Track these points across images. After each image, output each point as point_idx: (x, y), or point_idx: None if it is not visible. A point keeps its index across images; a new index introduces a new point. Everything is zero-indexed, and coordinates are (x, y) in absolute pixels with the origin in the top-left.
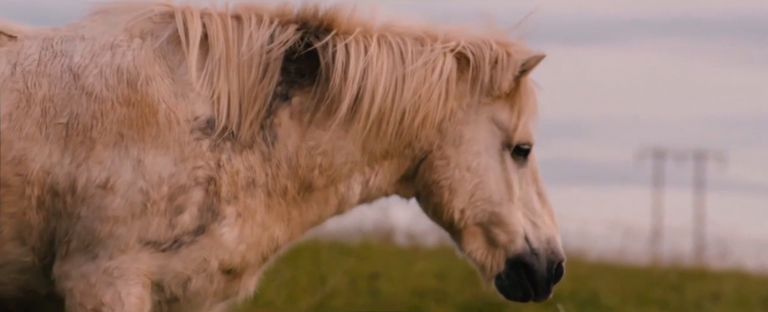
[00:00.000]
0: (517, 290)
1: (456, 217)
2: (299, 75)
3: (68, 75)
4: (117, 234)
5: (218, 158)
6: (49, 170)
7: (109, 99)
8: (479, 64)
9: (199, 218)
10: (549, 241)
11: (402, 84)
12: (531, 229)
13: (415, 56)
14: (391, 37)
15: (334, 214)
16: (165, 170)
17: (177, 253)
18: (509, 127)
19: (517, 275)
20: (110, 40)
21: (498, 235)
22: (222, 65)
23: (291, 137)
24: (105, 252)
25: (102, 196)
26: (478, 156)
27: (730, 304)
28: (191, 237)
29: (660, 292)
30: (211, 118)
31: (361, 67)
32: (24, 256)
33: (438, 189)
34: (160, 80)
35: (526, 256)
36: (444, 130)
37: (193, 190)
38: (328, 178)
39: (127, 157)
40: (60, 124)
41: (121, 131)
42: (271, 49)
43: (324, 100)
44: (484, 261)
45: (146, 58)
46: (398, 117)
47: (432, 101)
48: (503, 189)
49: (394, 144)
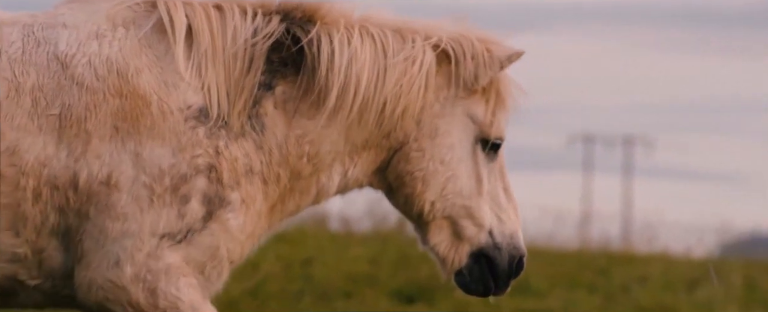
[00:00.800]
0: (479, 285)
1: (426, 209)
2: (282, 64)
3: (55, 64)
4: (130, 231)
5: (216, 145)
6: (44, 162)
7: (101, 90)
8: (460, 59)
9: (207, 205)
10: (512, 236)
11: (384, 75)
12: (496, 223)
13: (396, 49)
14: (373, 30)
15: (311, 204)
16: (164, 161)
17: (192, 242)
18: (483, 121)
19: (480, 269)
20: (94, 28)
21: (464, 229)
22: (208, 57)
23: (278, 126)
24: (125, 254)
25: (107, 194)
26: (451, 149)
27: (656, 287)
28: (201, 224)
29: (588, 275)
30: (204, 107)
31: (346, 57)
32: (17, 247)
33: (411, 180)
34: (148, 71)
35: (489, 249)
36: (421, 122)
37: (195, 178)
38: (314, 167)
39: (124, 151)
40: (52, 115)
41: (115, 124)
42: (256, 42)
43: (309, 89)
44: (447, 255)
45: (133, 48)
46: (380, 107)
47: (412, 93)
48: (474, 183)
49: (374, 134)
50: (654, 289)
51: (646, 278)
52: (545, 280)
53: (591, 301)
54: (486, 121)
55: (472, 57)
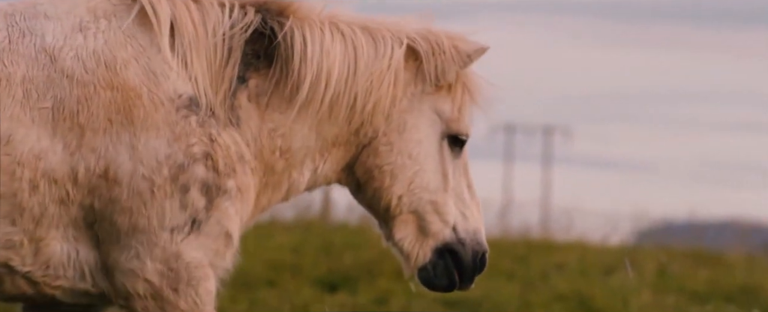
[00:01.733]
0: (443, 279)
1: (393, 203)
2: (255, 57)
3: (44, 56)
4: (140, 226)
5: (209, 133)
6: (39, 155)
7: (91, 83)
8: (427, 55)
9: (206, 194)
10: (476, 232)
11: (354, 70)
12: (460, 219)
13: (365, 46)
14: (342, 26)
15: (281, 200)
16: (161, 152)
17: (201, 232)
18: (450, 117)
19: (445, 263)
20: (77, 21)
21: (430, 224)
22: (192, 48)
23: (253, 119)
24: (143, 249)
25: (108, 188)
26: (419, 144)
27: (574, 274)
28: (204, 213)
29: (508, 263)
30: (194, 96)
31: (319, 50)
32: (12, 234)
33: (380, 174)
34: (135, 62)
35: (454, 244)
36: (389, 118)
37: (192, 166)
38: (286, 162)
39: (120, 144)
40: (44, 108)
41: (109, 117)
42: (233, 33)
43: (281, 82)
44: (412, 250)
45: (118, 40)
46: (350, 101)
47: (382, 88)
48: (440, 178)
49: (344, 131)
50: (571, 277)
51: (564, 266)
52: None
53: (510, 289)
54: (453, 117)
55: (438, 53)
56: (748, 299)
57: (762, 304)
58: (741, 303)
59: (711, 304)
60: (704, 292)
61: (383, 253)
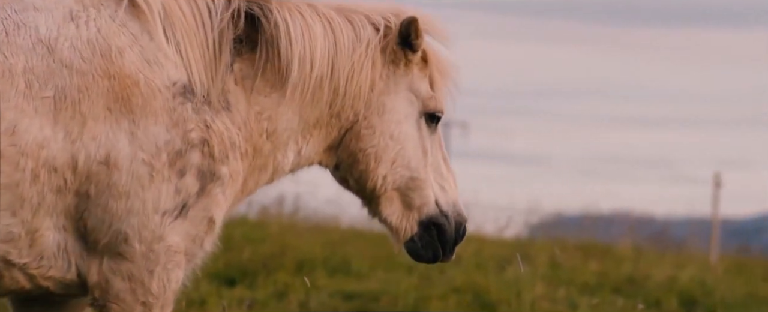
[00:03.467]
0: (429, 251)
1: (378, 183)
2: (237, 42)
3: (41, 47)
4: (135, 209)
5: (205, 119)
6: (42, 144)
7: (90, 72)
8: (387, 34)
9: (201, 179)
10: (455, 203)
11: (335, 53)
12: (440, 192)
13: (344, 29)
14: (321, 10)
15: (267, 182)
16: (160, 138)
17: (187, 217)
18: (426, 96)
19: (430, 236)
20: (67, 11)
21: (413, 199)
22: (184, 35)
23: (241, 103)
24: (133, 231)
25: (108, 173)
26: (399, 124)
27: (470, 267)
28: (195, 199)
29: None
30: (187, 83)
31: (300, 33)
32: (12, 226)
33: (364, 157)
34: (130, 50)
35: (438, 217)
36: (369, 101)
37: (190, 152)
38: (272, 144)
39: (120, 131)
40: (46, 97)
41: (108, 105)
42: (221, 19)
43: (268, 65)
44: (399, 224)
45: (110, 28)
46: (334, 84)
47: (363, 71)
48: (420, 155)
49: (325, 113)
50: (467, 269)
51: (460, 258)
52: (366, 262)
53: (408, 282)
54: (428, 95)
55: (393, 31)
56: (635, 290)
57: (647, 294)
58: (628, 294)
59: (600, 296)
60: (594, 284)
61: (282, 247)
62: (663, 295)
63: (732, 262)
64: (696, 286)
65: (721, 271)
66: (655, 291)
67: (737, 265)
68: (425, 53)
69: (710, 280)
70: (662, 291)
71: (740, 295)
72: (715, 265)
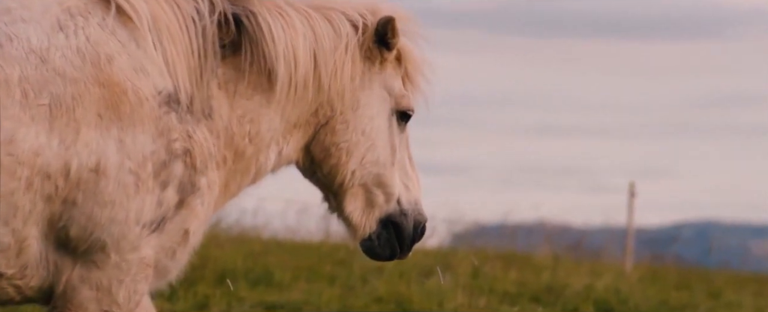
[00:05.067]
0: (386, 249)
1: (347, 178)
2: (221, 45)
3: (34, 57)
4: (118, 219)
5: (187, 130)
6: (38, 151)
7: (81, 80)
8: (364, 31)
9: (181, 192)
10: (417, 202)
11: (318, 51)
12: (403, 191)
13: (322, 27)
14: (299, 9)
15: (250, 184)
16: (146, 147)
17: (164, 230)
18: (398, 94)
19: (387, 234)
20: (54, 20)
21: (377, 196)
22: (169, 42)
23: (223, 107)
24: (112, 240)
25: (95, 180)
26: (371, 120)
27: (393, 277)
28: (174, 212)
29: (329, 267)
30: (172, 92)
31: (283, 34)
32: (3, 236)
33: (337, 151)
34: (118, 58)
35: (396, 215)
36: (344, 96)
37: (173, 163)
38: (255, 147)
39: (109, 138)
40: (42, 105)
41: (99, 112)
42: (205, 25)
43: (252, 68)
44: (359, 221)
45: (98, 36)
46: (318, 82)
47: (345, 68)
48: (389, 152)
49: (304, 111)
50: (390, 279)
51: (383, 268)
52: (288, 273)
53: (331, 292)
54: (401, 93)
55: (385, 31)
56: (553, 298)
57: (565, 302)
58: (546, 302)
59: (519, 304)
60: (514, 293)
61: (203, 258)
62: (580, 304)
63: (646, 270)
64: (611, 295)
65: (635, 280)
66: (572, 299)
67: (651, 274)
68: (399, 52)
69: (625, 288)
70: (579, 299)
71: (654, 303)
72: (629, 274)
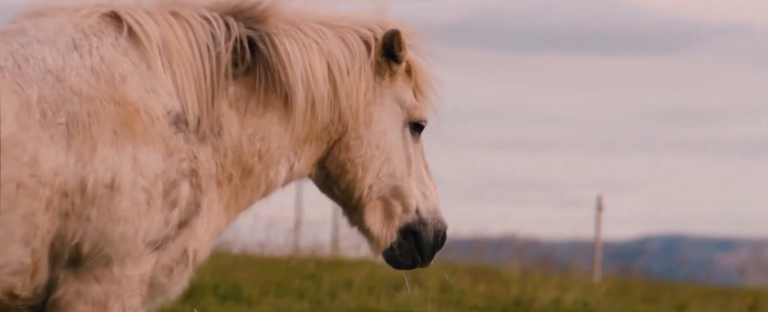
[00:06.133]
0: (408, 258)
1: (365, 192)
2: (232, 65)
3: (50, 77)
4: (128, 236)
5: (193, 150)
6: (57, 171)
7: (97, 98)
8: (385, 47)
9: (186, 212)
10: (436, 211)
11: (334, 73)
12: (421, 200)
13: (338, 45)
14: (313, 27)
15: (261, 198)
16: (158, 166)
17: (166, 249)
18: (410, 106)
19: (408, 244)
20: (69, 40)
21: (395, 207)
22: (179, 64)
23: (233, 126)
24: (117, 256)
25: (110, 196)
26: (385, 135)
27: (362, 291)
28: (177, 231)
29: (298, 281)
30: (180, 112)
31: (299, 55)
32: (23, 257)
33: (353, 167)
34: (131, 78)
35: (416, 225)
36: (357, 112)
37: (181, 183)
38: (264, 164)
39: (124, 155)
40: (60, 124)
41: (114, 129)
42: (219, 49)
43: (264, 89)
44: (380, 233)
45: (112, 56)
46: (335, 101)
47: (361, 85)
48: (404, 164)
49: (315, 127)
50: (360, 293)
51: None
52: (257, 288)
53: (300, 307)
54: (412, 105)
55: (391, 45)
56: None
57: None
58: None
59: None
60: (483, 307)
61: None
62: None
63: (614, 283)
64: (580, 307)
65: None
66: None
67: (619, 286)
68: (409, 64)
69: (593, 301)
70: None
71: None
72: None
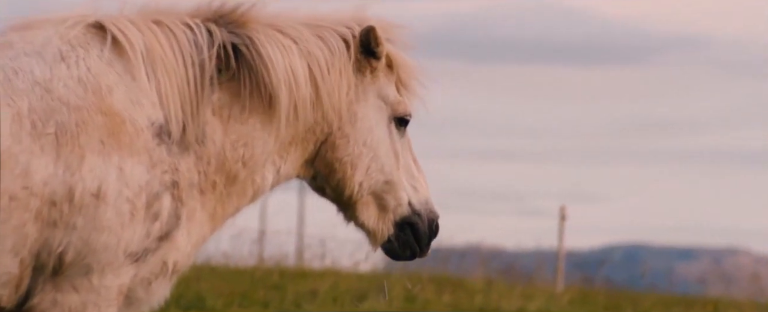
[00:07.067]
0: (406, 250)
1: (355, 189)
2: (217, 71)
3: (39, 89)
4: (110, 246)
5: (175, 162)
6: (47, 181)
7: (85, 108)
8: (364, 45)
9: (168, 225)
10: (427, 201)
11: (316, 73)
12: (412, 192)
13: (316, 45)
14: (294, 28)
15: (248, 203)
16: (142, 178)
17: (146, 262)
18: (393, 101)
19: (405, 236)
20: (55, 51)
21: (388, 202)
22: (163, 74)
23: (217, 133)
24: (98, 266)
25: (96, 205)
26: (371, 131)
27: (326, 301)
28: (157, 244)
29: (262, 292)
30: (164, 124)
31: (281, 58)
32: (12, 268)
33: (341, 166)
34: (117, 89)
35: (411, 216)
36: (341, 111)
37: (163, 195)
38: (249, 169)
39: (111, 165)
40: (49, 134)
41: (101, 138)
42: (203, 57)
43: (250, 93)
44: (376, 227)
45: (99, 67)
46: (318, 102)
47: (343, 86)
48: (392, 159)
49: (299, 129)
50: (324, 303)
51: (316, 293)
52: (221, 298)
53: None
54: (396, 100)
55: (368, 41)
56: None
57: None
58: None
59: None
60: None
61: None
62: None
63: (576, 292)
64: None
65: (566, 302)
66: None
67: (581, 296)
68: (390, 58)
69: (556, 310)
70: None
71: None
72: (560, 296)
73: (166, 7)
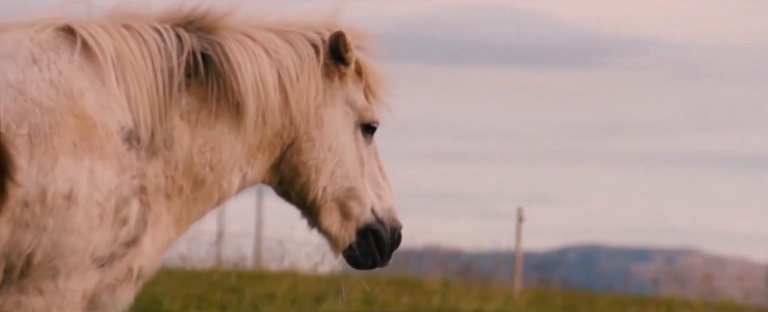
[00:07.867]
0: (368, 258)
1: (319, 194)
2: (185, 76)
3: (12, 90)
4: (78, 249)
5: (143, 167)
6: (20, 183)
7: (58, 110)
8: (333, 50)
9: (136, 230)
10: (390, 210)
11: (284, 80)
12: (376, 200)
13: (287, 51)
14: (260, 33)
15: (214, 207)
16: (112, 182)
17: (111, 267)
18: (361, 107)
19: (367, 243)
20: (27, 54)
21: (351, 209)
22: (132, 78)
23: (184, 138)
24: (65, 269)
25: (67, 207)
26: (337, 136)
27: (285, 303)
28: (124, 249)
29: (220, 295)
30: (133, 129)
31: (249, 64)
32: None
33: (305, 169)
34: (88, 92)
35: (374, 224)
36: (308, 115)
37: (132, 200)
38: (217, 174)
39: (82, 167)
40: (23, 135)
41: (74, 141)
42: (172, 62)
43: (218, 98)
44: (338, 233)
45: (70, 70)
46: (286, 108)
47: (311, 91)
48: (357, 165)
49: (267, 134)
50: (282, 306)
51: (275, 295)
52: (178, 301)
53: None
54: (363, 107)
55: (337, 47)
56: None
57: None
58: None
59: None
60: None
61: None
62: None
63: (534, 293)
64: None
65: (523, 303)
66: None
67: (539, 297)
68: (359, 65)
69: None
70: None
71: None
72: (518, 297)
73: (136, 11)
